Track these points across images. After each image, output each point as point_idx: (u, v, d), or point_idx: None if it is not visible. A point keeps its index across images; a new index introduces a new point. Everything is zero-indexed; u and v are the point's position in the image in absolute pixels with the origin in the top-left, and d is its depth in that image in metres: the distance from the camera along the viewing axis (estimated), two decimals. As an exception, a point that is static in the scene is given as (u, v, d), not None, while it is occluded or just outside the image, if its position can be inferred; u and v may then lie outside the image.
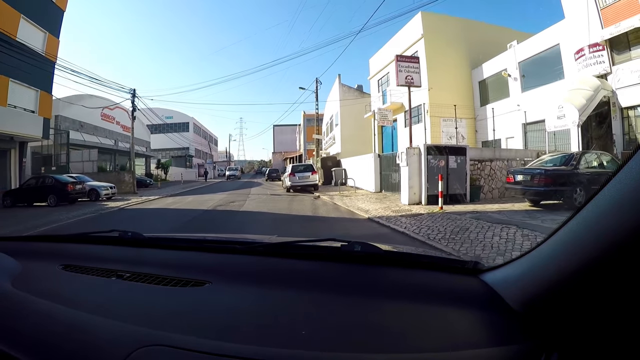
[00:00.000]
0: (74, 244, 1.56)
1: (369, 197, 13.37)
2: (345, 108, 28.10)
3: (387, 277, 1.06)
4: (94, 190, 16.84)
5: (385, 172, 15.02)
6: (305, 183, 17.68)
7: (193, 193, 20.10)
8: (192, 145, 54.89)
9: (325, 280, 1.06)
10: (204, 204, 13.41)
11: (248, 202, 13.71)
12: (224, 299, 0.98)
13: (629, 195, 0.53)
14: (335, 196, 14.19)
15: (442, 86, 18.42)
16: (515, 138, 16.48)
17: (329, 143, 33.08)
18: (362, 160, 17.49)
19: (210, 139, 70.35)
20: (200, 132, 63.06)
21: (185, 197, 17.73)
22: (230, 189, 22.49)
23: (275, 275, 1.10)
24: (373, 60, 26.44)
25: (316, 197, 14.65)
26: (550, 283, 0.67)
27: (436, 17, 19.91)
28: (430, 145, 10.83)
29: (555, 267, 0.66)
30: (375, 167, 15.55)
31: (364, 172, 16.75)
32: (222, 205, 12.72)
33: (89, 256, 1.37)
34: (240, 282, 1.07)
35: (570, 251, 0.63)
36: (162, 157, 45.49)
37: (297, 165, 20.83)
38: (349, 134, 27.36)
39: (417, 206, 10.11)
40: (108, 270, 1.16)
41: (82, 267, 1.23)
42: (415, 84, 13.29)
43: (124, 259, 1.32)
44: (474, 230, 6.33)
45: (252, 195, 16.78)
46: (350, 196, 14.09)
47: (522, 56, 16.26)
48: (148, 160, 40.14)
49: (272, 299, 0.96)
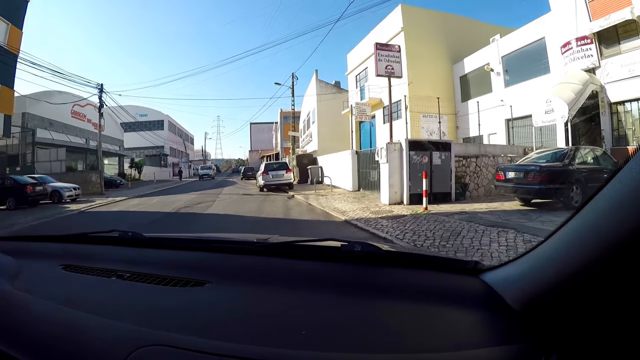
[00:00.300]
0: (73, 244, 1.54)
1: (346, 197, 12.31)
2: (322, 105, 27.14)
3: (387, 277, 1.05)
4: (57, 191, 15.68)
5: (363, 169, 14.04)
6: (279, 182, 16.49)
7: (162, 193, 18.85)
8: (167, 143, 52.90)
9: (325, 280, 1.05)
10: (169, 205, 12.51)
11: (216, 203, 12.77)
12: (224, 299, 0.97)
13: (629, 195, 0.52)
14: (310, 195, 13.09)
15: (423, 81, 17.68)
16: (498, 134, 15.84)
17: (306, 141, 31.96)
18: (339, 158, 16.42)
19: (186, 137, 68.42)
20: (176, 130, 61.22)
21: (152, 198, 16.58)
22: (202, 188, 21.20)
23: (275, 275, 1.10)
24: (351, 55, 25.56)
25: (290, 197, 13.52)
26: (550, 283, 0.67)
27: (416, 11, 19.16)
28: (413, 140, 9.91)
29: (555, 267, 0.66)
30: (352, 165, 14.53)
31: (341, 170, 15.74)
32: (187, 207, 11.83)
33: (89, 256, 1.37)
34: (240, 282, 1.07)
35: (570, 251, 0.63)
36: (136, 156, 43.92)
37: (271, 163, 19.44)
38: (326, 131, 26.32)
39: (399, 206, 9.13)
40: (108, 270, 1.15)
41: (82, 267, 1.22)
42: (396, 74, 12.34)
43: (123, 259, 1.31)
44: (467, 235, 5.36)
45: (222, 196, 15.64)
46: (327, 195, 13.01)
47: (505, 50, 15.63)
48: (121, 160, 38.60)
49: (272, 298, 0.94)
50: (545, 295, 0.69)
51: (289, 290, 0.98)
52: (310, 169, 19.11)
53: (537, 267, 0.73)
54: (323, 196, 12.81)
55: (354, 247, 1.11)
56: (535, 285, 0.71)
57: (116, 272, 1.12)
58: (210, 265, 1.21)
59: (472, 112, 17.09)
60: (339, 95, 27.10)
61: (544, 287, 0.69)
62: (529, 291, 0.73)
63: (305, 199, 12.24)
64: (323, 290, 0.97)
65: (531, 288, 0.73)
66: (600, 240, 0.56)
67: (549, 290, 0.67)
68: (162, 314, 0.88)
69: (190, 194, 17.38)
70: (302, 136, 34.51)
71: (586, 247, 0.59)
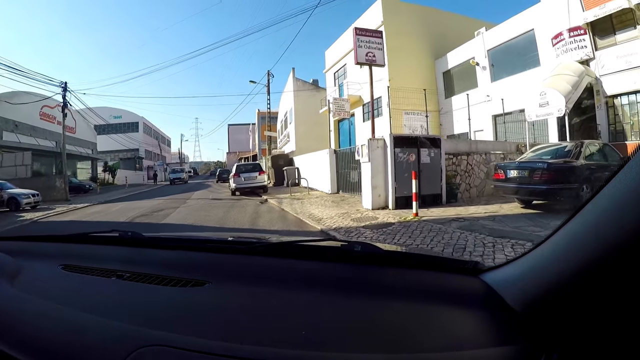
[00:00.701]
0: (73, 244, 1.54)
1: (324, 200, 11.02)
2: (300, 104, 25.93)
3: (386, 277, 1.04)
4: (14, 198, 14.39)
5: (342, 170, 12.80)
6: (252, 185, 15.03)
7: (129, 199, 17.19)
8: (142, 146, 50.49)
9: (325, 280, 1.04)
10: (127, 213, 11.46)
11: (179, 209, 11.53)
12: (224, 299, 0.97)
13: (629, 195, 0.53)
14: (284, 200, 11.74)
15: (405, 77, 16.64)
16: (484, 131, 14.98)
17: (284, 142, 30.55)
18: (317, 158, 15.09)
19: (162, 139, 65.83)
20: (152, 132, 58.76)
21: (116, 204, 15.23)
22: (171, 193, 19.67)
23: (275, 275, 1.09)
24: (329, 52, 24.58)
25: (263, 202, 12.15)
26: (550, 283, 0.67)
27: (397, 4, 18.19)
28: (398, 136, 8.73)
29: (555, 267, 0.66)
30: (331, 165, 13.25)
31: (318, 170, 14.47)
32: (145, 215, 10.71)
33: (89, 256, 1.36)
34: (240, 282, 1.06)
35: (570, 251, 0.63)
36: (110, 160, 41.74)
37: (242, 164, 17.40)
38: (304, 131, 25.03)
39: (383, 211, 7.91)
40: (108, 270, 1.15)
41: (82, 267, 1.22)
42: (377, 62, 11.11)
43: (124, 259, 1.30)
44: (475, 252, 4.19)
45: (190, 201, 14.18)
46: (303, 199, 11.70)
47: (491, 43, 14.81)
48: (94, 163, 36.35)
49: (272, 299, 0.94)
50: (546, 296, 0.68)
51: (288, 291, 0.98)
52: (286, 170, 17.77)
53: (537, 268, 0.73)
54: (299, 200, 11.50)
55: (354, 247, 1.13)
56: (535, 285, 0.71)
57: (116, 272, 1.11)
58: (210, 265, 1.20)
59: (457, 109, 16.25)
60: (317, 93, 26.12)
61: (544, 287, 0.68)
62: (529, 291, 0.73)
63: (278, 203, 10.90)
64: (323, 291, 0.96)
65: (531, 288, 0.72)
66: (600, 240, 0.56)
67: (549, 290, 0.67)
68: (162, 314, 0.88)
69: (157, 199, 15.94)
70: (279, 137, 33.18)
71: (586, 247, 0.59)
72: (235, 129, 66.07)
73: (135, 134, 49.11)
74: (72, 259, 1.30)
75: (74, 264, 1.24)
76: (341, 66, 22.71)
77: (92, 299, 0.98)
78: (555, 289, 0.65)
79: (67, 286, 1.09)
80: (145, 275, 1.08)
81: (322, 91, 25.78)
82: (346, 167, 12.44)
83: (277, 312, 0.87)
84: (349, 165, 12.07)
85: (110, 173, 37.45)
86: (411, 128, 16.36)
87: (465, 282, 0.95)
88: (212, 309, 0.89)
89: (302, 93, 26.28)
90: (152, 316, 0.86)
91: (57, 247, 1.53)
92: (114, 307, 0.91)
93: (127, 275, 1.09)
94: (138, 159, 47.91)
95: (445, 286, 0.94)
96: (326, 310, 0.86)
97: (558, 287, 0.64)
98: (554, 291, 0.65)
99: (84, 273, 1.16)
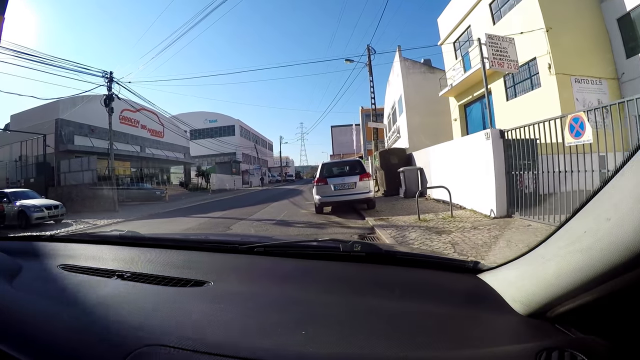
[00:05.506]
0: (74, 244, 1.53)
1: (494, 238, 5.07)
2: (411, 89, 20.28)
3: (387, 276, 1.04)
4: (23, 212, 11.86)
5: (517, 171, 6.60)
6: (348, 196, 9.26)
7: (186, 213, 13.62)
8: (238, 149, 50.98)
9: (325, 279, 1.04)
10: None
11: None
12: (224, 299, 0.95)
13: (629, 195, 0.52)
14: (409, 231, 6.12)
15: (564, 27, 10.98)
16: None
17: (393, 138, 24.72)
18: (460, 149, 8.71)
19: (263, 143, 66.95)
20: (250, 135, 59.77)
21: (157, 221, 11.90)
22: (241, 205, 15.61)
23: (275, 275, 1.09)
24: (443, 18, 18.63)
25: (363, 235, 6.67)
26: (549, 283, 0.66)
27: None
28: None
29: (555, 267, 0.66)
30: (495, 161, 6.88)
31: (464, 173, 8.28)
32: None
33: (89, 256, 1.35)
34: (240, 282, 1.06)
35: (570, 251, 0.62)
36: (206, 164, 42.91)
37: (331, 163, 11.24)
38: (418, 122, 19.23)
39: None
40: (108, 270, 1.15)
41: (82, 267, 1.21)
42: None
43: (124, 258, 1.30)
44: None
45: (242, 223, 9.25)
46: (447, 231, 5.90)
47: None
48: (187, 168, 37.31)
49: (272, 298, 0.93)
50: (545, 295, 0.68)
51: (289, 290, 0.97)
52: (404, 173, 11.90)
53: (536, 267, 0.72)
54: (438, 234, 5.75)
55: (354, 247, 1.13)
56: (535, 284, 0.71)
57: (116, 272, 1.11)
58: (210, 265, 1.21)
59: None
60: (431, 75, 20.28)
61: (544, 286, 0.68)
62: (528, 291, 0.73)
63: (396, 243, 5.36)
64: (323, 290, 0.95)
65: (531, 287, 0.72)
66: (599, 240, 0.55)
67: (549, 289, 0.66)
68: (162, 314, 0.86)
69: (205, 216, 11.88)
70: (387, 133, 27.80)
71: (586, 247, 0.59)
72: (338, 130, 62.90)
73: (231, 138, 49.60)
74: (72, 259, 1.30)
75: (74, 263, 1.24)
76: (463, 30, 16.60)
77: (92, 298, 0.95)
78: (554, 288, 0.64)
79: (67, 286, 1.07)
80: (145, 275, 1.09)
81: (437, 72, 20.15)
82: (526, 167, 6.29)
83: (277, 312, 0.86)
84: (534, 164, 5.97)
85: (204, 178, 36.75)
86: (584, 103, 10.74)
87: (465, 281, 0.95)
88: (212, 309, 0.88)
89: (414, 77, 20.75)
90: (152, 316, 0.85)
91: (57, 247, 1.51)
92: (114, 307, 0.89)
93: (128, 275, 1.09)
94: (234, 163, 47.74)
95: (445, 285, 0.96)
96: (326, 309, 0.85)
97: (558, 286, 0.64)
98: (554, 290, 0.65)
99: (84, 273, 1.15)
